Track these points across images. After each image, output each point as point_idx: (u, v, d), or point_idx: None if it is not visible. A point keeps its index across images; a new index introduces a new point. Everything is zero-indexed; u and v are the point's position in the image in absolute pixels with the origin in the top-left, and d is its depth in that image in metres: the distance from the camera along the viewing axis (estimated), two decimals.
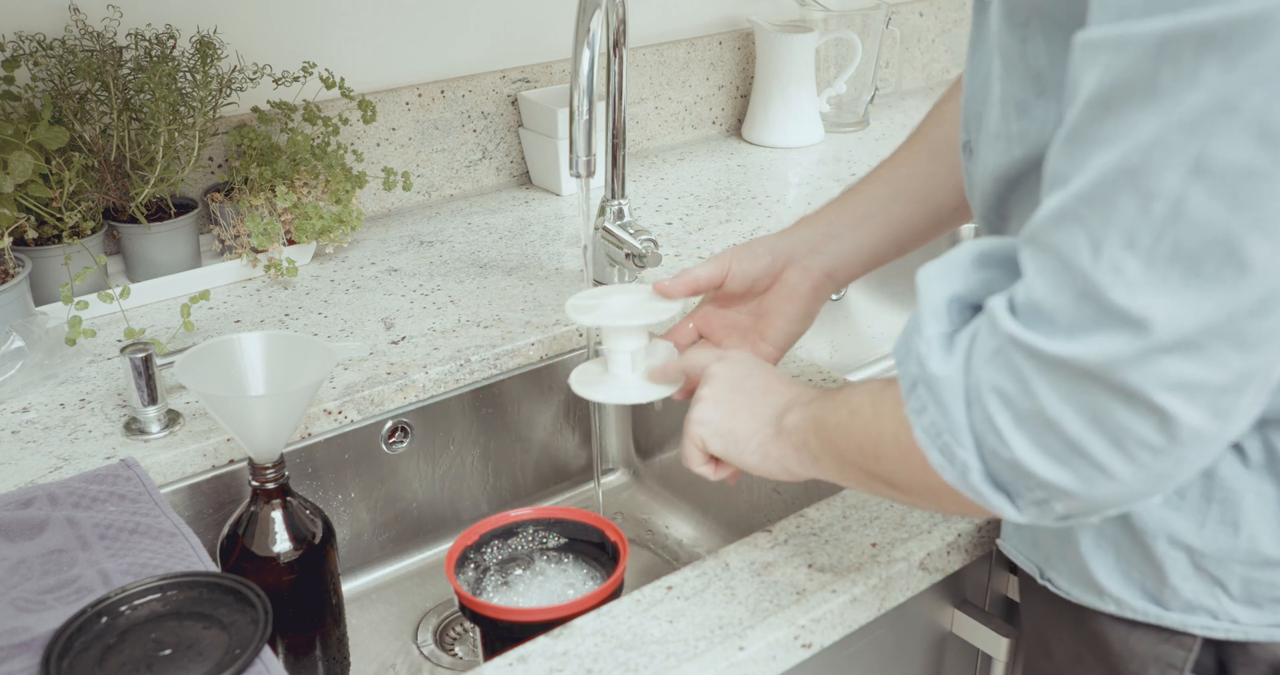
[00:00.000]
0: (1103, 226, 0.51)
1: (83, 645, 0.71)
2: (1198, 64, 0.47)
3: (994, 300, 0.56)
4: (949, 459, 0.59)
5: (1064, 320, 0.52)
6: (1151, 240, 0.49)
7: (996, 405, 0.55)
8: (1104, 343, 0.51)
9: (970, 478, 0.58)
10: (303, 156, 1.28)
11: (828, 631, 0.78)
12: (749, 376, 0.80)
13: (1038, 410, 0.53)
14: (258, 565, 0.86)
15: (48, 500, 0.85)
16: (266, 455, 0.85)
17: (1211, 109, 0.47)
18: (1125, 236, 0.50)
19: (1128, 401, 0.51)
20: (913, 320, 0.62)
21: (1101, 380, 0.51)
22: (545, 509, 0.95)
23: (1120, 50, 0.50)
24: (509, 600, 0.90)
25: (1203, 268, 0.49)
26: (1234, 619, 0.67)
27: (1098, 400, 0.52)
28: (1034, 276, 0.54)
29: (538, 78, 1.54)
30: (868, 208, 0.93)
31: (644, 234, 1.18)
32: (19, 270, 1.07)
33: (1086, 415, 0.52)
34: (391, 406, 1.07)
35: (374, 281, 1.26)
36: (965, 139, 0.75)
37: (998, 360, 0.55)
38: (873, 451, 0.66)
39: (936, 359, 0.58)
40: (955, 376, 0.57)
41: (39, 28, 1.18)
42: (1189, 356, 0.50)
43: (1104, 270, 0.51)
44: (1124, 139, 0.50)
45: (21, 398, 1.03)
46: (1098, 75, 0.51)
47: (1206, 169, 0.48)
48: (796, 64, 1.67)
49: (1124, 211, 0.50)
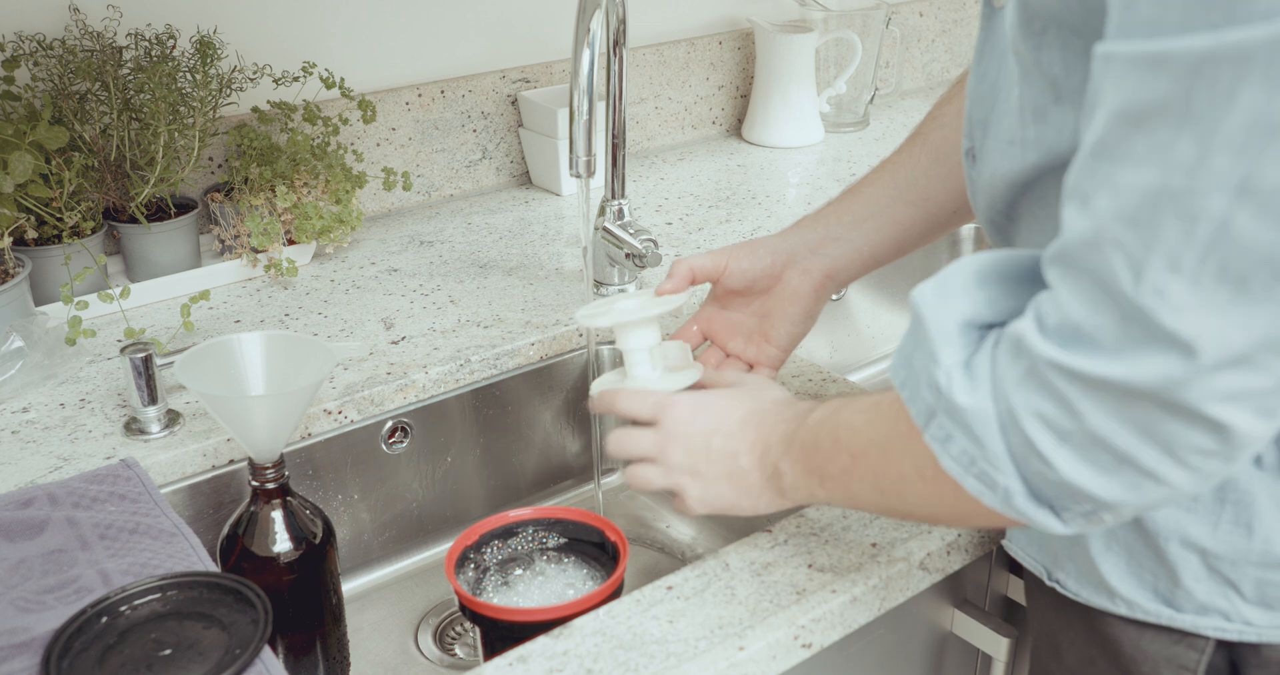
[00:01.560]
0: (1144, 250, 0.50)
1: (83, 645, 0.71)
2: (1235, 85, 0.47)
3: (1019, 324, 0.56)
4: (989, 486, 0.58)
5: (1108, 342, 0.52)
6: (1197, 262, 0.49)
7: (1037, 428, 0.55)
8: (1154, 364, 0.51)
9: (1014, 501, 0.58)
10: (303, 156, 1.28)
11: (828, 631, 0.78)
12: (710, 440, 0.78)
13: (1083, 429, 0.53)
14: (258, 565, 0.86)
15: (48, 500, 0.85)
16: (266, 455, 0.85)
17: (1254, 131, 0.47)
18: (1168, 259, 0.49)
19: (1180, 416, 0.51)
20: (915, 343, 0.61)
21: (1152, 398, 0.51)
22: (545, 509, 0.95)
23: (1153, 68, 0.49)
24: (509, 600, 0.90)
25: (1251, 287, 0.49)
26: (1247, 621, 0.67)
27: (1149, 416, 0.52)
28: (1069, 298, 0.53)
29: (538, 78, 1.54)
30: (867, 209, 0.93)
31: (644, 234, 1.18)
32: (19, 270, 1.07)
33: (1136, 429, 0.52)
34: (391, 406, 1.07)
35: (374, 281, 1.26)
36: (968, 145, 0.75)
37: (1031, 383, 0.55)
38: (894, 491, 0.66)
39: (961, 389, 0.58)
40: (985, 405, 0.57)
41: (39, 28, 1.18)
42: (1239, 370, 0.50)
43: (1147, 293, 0.50)
44: (1158, 159, 0.49)
45: (21, 398, 1.03)
46: (1127, 92, 0.50)
47: (1253, 190, 0.47)
48: (796, 64, 1.67)
49: (1166, 234, 0.49)
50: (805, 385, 1.08)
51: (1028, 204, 0.70)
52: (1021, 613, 0.94)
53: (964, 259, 0.61)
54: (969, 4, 2.03)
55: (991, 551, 0.89)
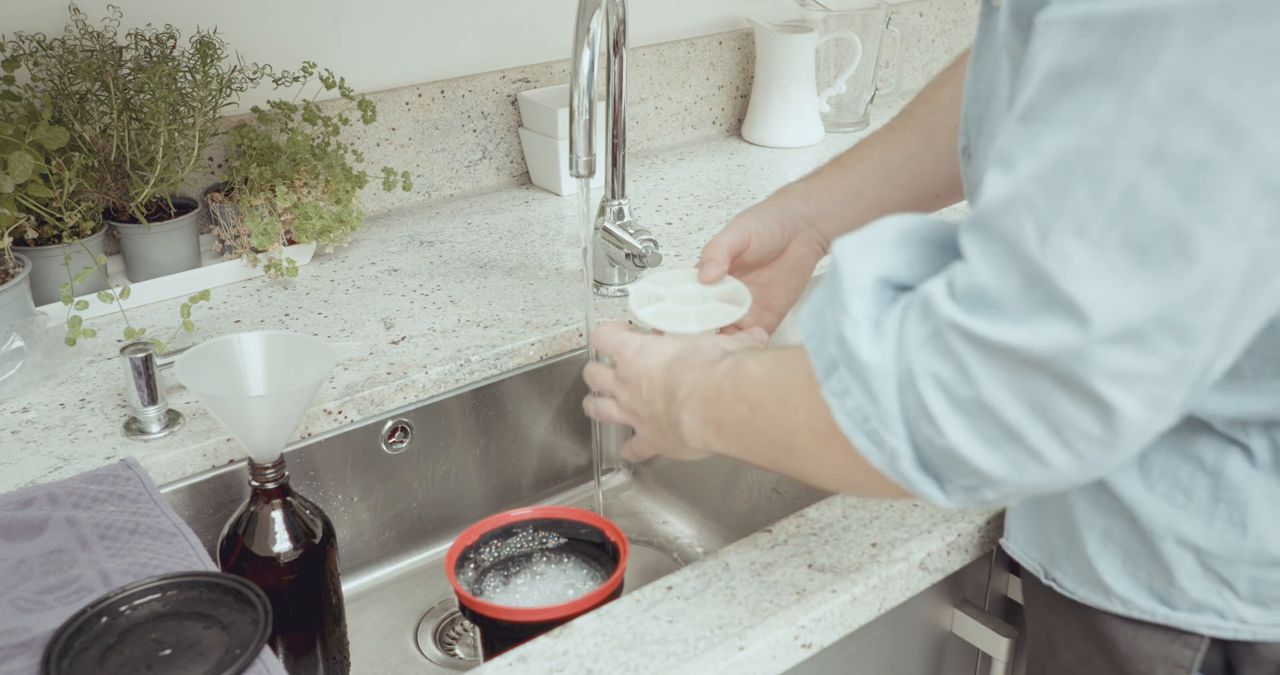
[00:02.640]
0: (1053, 212, 0.50)
1: (83, 645, 0.71)
2: (1159, 46, 0.46)
3: (931, 285, 0.55)
4: (877, 444, 0.57)
5: (1010, 307, 0.51)
6: (1102, 228, 0.49)
7: (932, 391, 0.54)
8: (1049, 331, 0.50)
9: (899, 464, 0.57)
10: (303, 156, 1.28)
11: (828, 631, 0.78)
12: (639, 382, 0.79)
13: (976, 397, 0.53)
14: (258, 565, 0.86)
15: (48, 500, 0.85)
16: (266, 455, 0.85)
17: (1172, 94, 0.47)
18: (1075, 223, 0.49)
19: (1070, 390, 0.51)
20: (828, 296, 0.59)
21: (1045, 368, 0.51)
22: (545, 509, 0.95)
23: (1083, 29, 0.49)
24: (509, 600, 0.90)
25: (1151, 257, 0.48)
26: (1242, 619, 0.67)
27: (1040, 388, 0.51)
28: (979, 261, 0.53)
29: (538, 78, 1.54)
30: (858, 188, 0.93)
31: (644, 234, 1.18)
32: (19, 270, 1.07)
33: (1027, 402, 0.52)
34: (391, 406, 1.07)
35: (374, 281, 1.26)
36: (965, 143, 0.75)
37: (933, 345, 0.54)
38: (783, 443, 0.64)
39: (865, 343, 0.56)
40: (886, 362, 0.56)
41: (39, 28, 1.18)
42: (1131, 347, 0.49)
43: (1051, 257, 0.50)
44: (1080, 121, 0.49)
45: (21, 398, 1.03)
46: (1057, 54, 0.50)
47: (1163, 157, 0.47)
48: (796, 64, 1.67)
49: (1076, 197, 0.49)
50: None
51: None
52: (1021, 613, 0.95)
53: (891, 217, 0.61)
54: (969, 4, 2.03)
55: (991, 551, 0.89)
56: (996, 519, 0.86)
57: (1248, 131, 0.46)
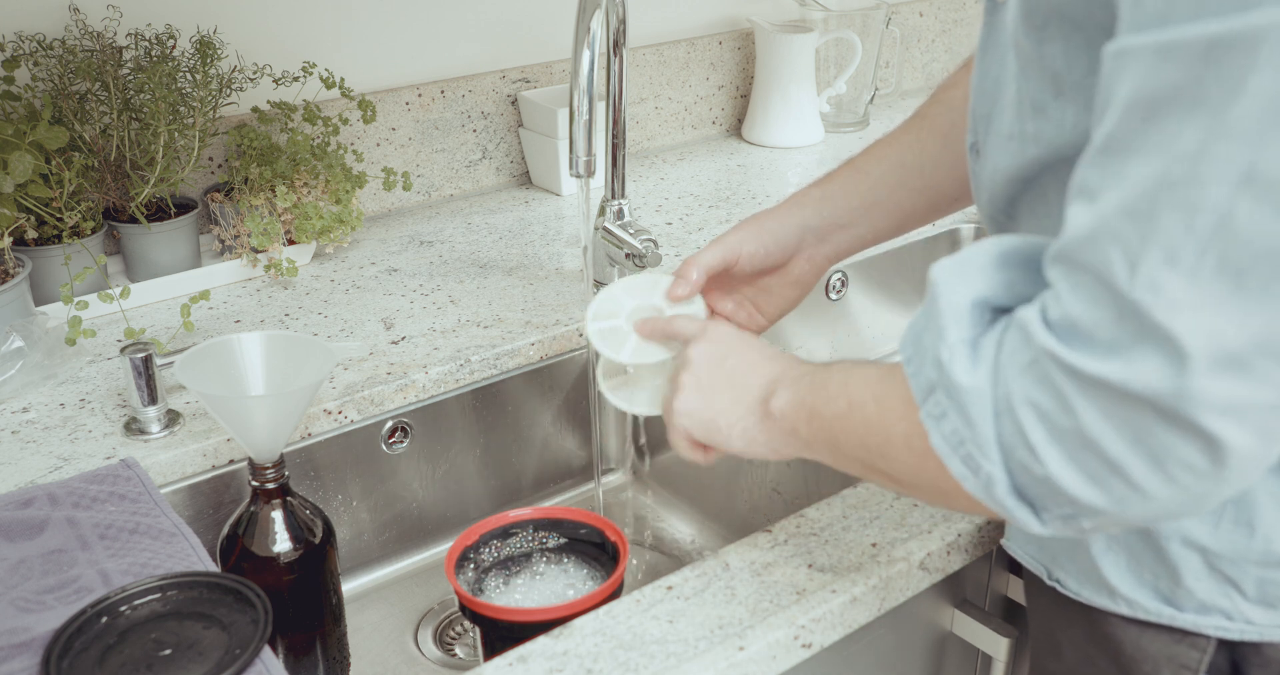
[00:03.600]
0: (1141, 242, 0.49)
1: (83, 645, 0.71)
2: (1247, 69, 0.46)
3: (1027, 312, 0.55)
4: (972, 470, 0.57)
5: (1104, 338, 0.51)
6: (1195, 256, 0.48)
7: (1031, 420, 0.53)
8: (1147, 364, 0.49)
9: (995, 490, 0.57)
10: (303, 156, 1.28)
11: (828, 631, 0.78)
12: (728, 356, 0.78)
13: (1076, 428, 0.52)
14: (258, 565, 0.86)
15: (48, 500, 0.85)
16: (266, 455, 0.85)
17: (1263, 117, 0.46)
18: (1166, 252, 0.48)
19: (1173, 424, 0.49)
20: (927, 319, 0.60)
21: (1147, 403, 0.50)
22: (545, 509, 0.95)
23: (1164, 57, 0.48)
24: (509, 600, 0.90)
25: (1248, 282, 0.47)
26: (1248, 620, 0.66)
27: (1142, 421, 0.50)
28: (1068, 294, 0.52)
29: (538, 78, 1.54)
30: (874, 194, 0.92)
31: (644, 234, 1.18)
32: (19, 270, 1.07)
33: (1128, 435, 0.51)
34: (391, 406, 1.07)
35: (374, 281, 1.26)
36: (972, 140, 0.75)
37: (1033, 373, 0.53)
38: (878, 449, 0.65)
39: (962, 367, 0.56)
40: (983, 387, 0.55)
41: (39, 28, 1.18)
42: (1236, 376, 0.48)
43: (1142, 288, 0.49)
44: (1165, 150, 0.48)
45: (21, 398, 1.03)
46: (1136, 83, 0.49)
47: (1256, 180, 0.46)
48: (796, 64, 1.67)
49: (1165, 227, 0.48)
50: None
51: (1027, 200, 0.70)
52: (1021, 613, 0.94)
53: (988, 240, 0.60)
54: (969, 4, 2.03)
55: (991, 551, 0.89)
56: (998, 519, 0.86)
57: None
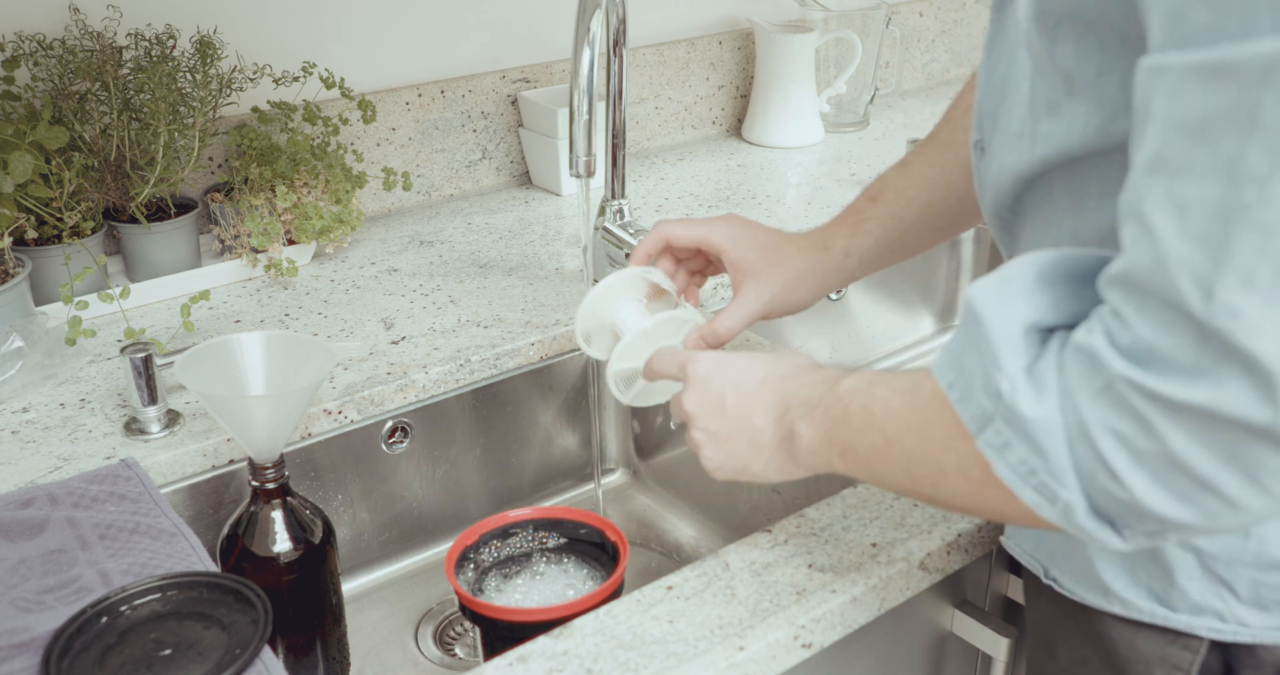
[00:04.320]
0: (1213, 268, 0.48)
1: (83, 645, 0.71)
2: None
3: (1092, 337, 0.53)
4: (1049, 498, 0.56)
5: (1185, 362, 0.50)
6: (1272, 277, 0.47)
7: (1111, 446, 0.53)
8: (1234, 388, 0.49)
9: (1074, 516, 0.56)
10: (303, 156, 1.28)
11: (828, 631, 0.78)
12: (725, 397, 0.76)
13: (1163, 452, 0.51)
14: (258, 565, 0.86)
15: (48, 500, 0.85)
16: (266, 455, 0.85)
17: None
18: (1241, 276, 0.48)
19: (1266, 441, 0.49)
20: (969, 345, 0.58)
21: (1239, 424, 0.49)
22: (545, 509, 0.95)
23: (1216, 77, 0.47)
24: (509, 600, 0.90)
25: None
26: (1241, 621, 0.66)
27: (1233, 440, 0.50)
28: (1137, 318, 0.51)
29: (538, 78, 1.54)
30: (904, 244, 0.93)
31: (644, 234, 1.18)
32: (19, 270, 1.07)
33: (1221, 455, 0.50)
34: (391, 406, 1.07)
35: (374, 281, 1.26)
36: (978, 137, 0.75)
37: (1107, 399, 0.52)
38: (928, 479, 0.63)
39: (1025, 398, 0.55)
40: (1053, 417, 0.54)
41: (39, 28, 1.18)
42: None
43: (1220, 314, 0.48)
44: (1225, 172, 0.48)
45: (21, 398, 1.03)
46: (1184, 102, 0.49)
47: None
48: (796, 64, 1.67)
49: (1238, 250, 0.48)
50: None
51: (1033, 199, 0.69)
52: (1021, 613, 0.94)
53: (1027, 257, 0.59)
54: (969, 4, 2.03)
55: (991, 551, 0.89)
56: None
57: None
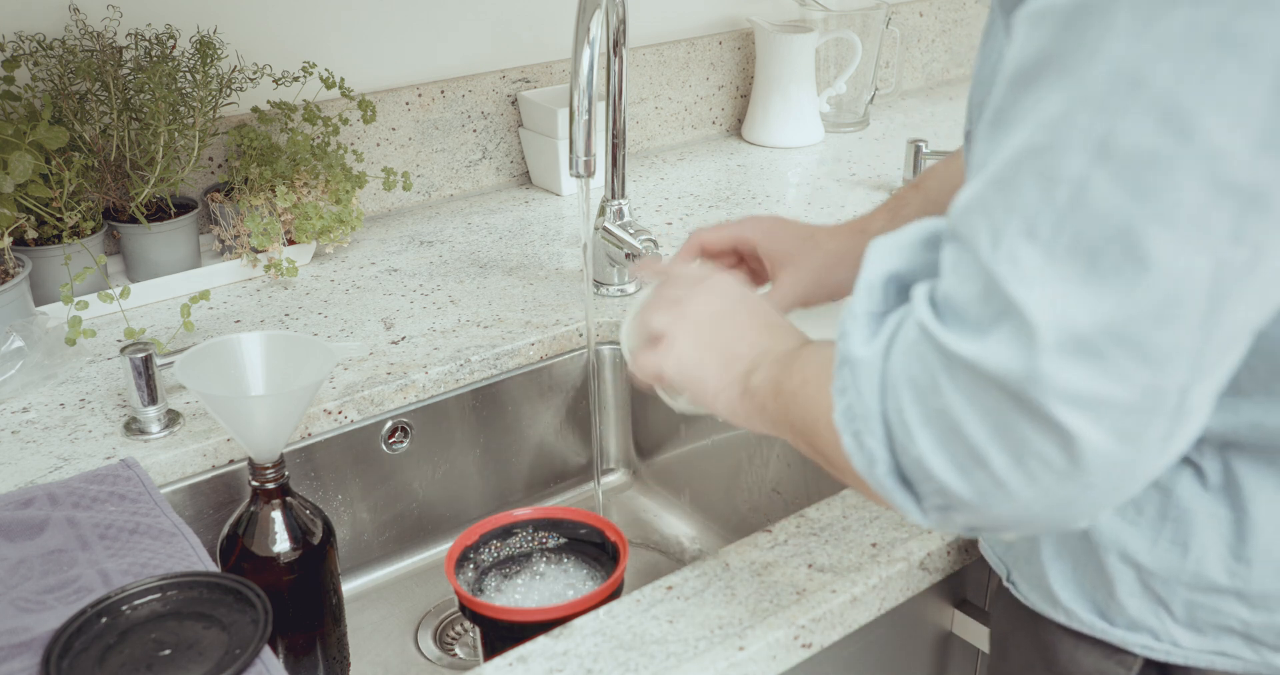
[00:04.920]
0: (1005, 213, 0.47)
1: (83, 645, 0.71)
2: (1103, 34, 0.44)
3: (919, 288, 0.53)
4: (859, 445, 0.55)
5: (971, 317, 0.49)
6: (1052, 229, 0.46)
7: (909, 398, 0.52)
8: (1002, 342, 0.47)
9: (876, 469, 0.54)
10: (303, 156, 1.28)
11: (828, 631, 0.78)
12: (730, 315, 0.73)
13: (944, 409, 0.50)
14: (258, 565, 0.86)
15: (48, 500, 0.85)
16: (266, 455, 0.85)
17: (1116, 84, 0.44)
18: (1026, 224, 0.47)
19: (1028, 412, 0.47)
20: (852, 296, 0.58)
21: (1001, 385, 0.48)
22: (545, 509, 0.95)
23: (1037, 24, 0.47)
24: (509, 600, 0.90)
25: (1101, 262, 0.45)
26: (1175, 641, 0.65)
27: (1000, 407, 0.48)
28: (948, 268, 0.51)
29: (538, 78, 1.54)
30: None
31: (644, 234, 1.18)
32: (19, 270, 1.07)
33: (990, 423, 0.49)
34: (391, 406, 1.07)
35: (374, 281, 1.26)
36: (968, 127, 0.74)
37: (914, 350, 0.52)
38: (811, 427, 0.62)
39: (859, 339, 0.55)
40: (874, 361, 0.54)
41: (39, 28, 1.18)
42: (1087, 364, 0.46)
43: (1002, 260, 0.47)
44: (1033, 118, 0.47)
45: (21, 398, 1.03)
46: (1016, 52, 0.49)
47: (1110, 152, 0.45)
48: (796, 64, 1.67)
49: (1027, 197, 0.47)
50: None
51: None
52: None
53: (926, 219, 0.59)
54: (969, 4, 2.03)
55: None
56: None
57: (1196, 122, 0.43)
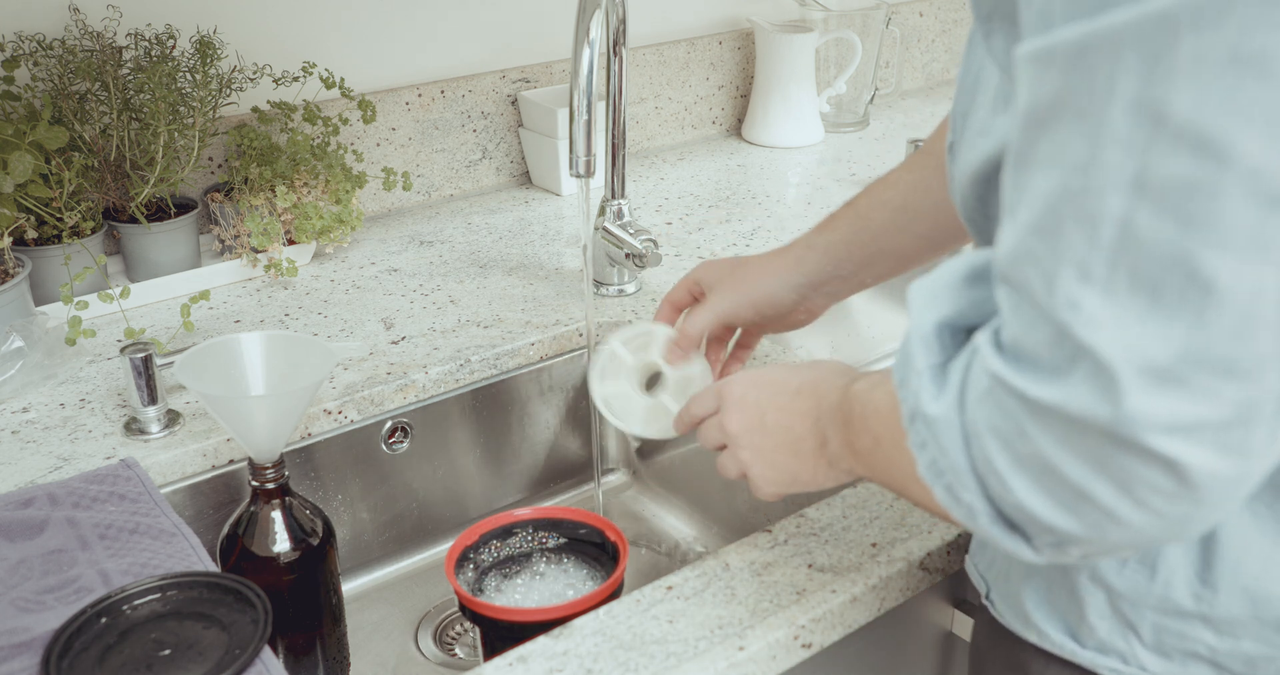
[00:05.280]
0: (1054, 261, 0.47)
1: (83, 645, 0.71)
2: (1114, 72, 0.44)
3: (982, 335, 0.53)
4: (954, 499, 0.55)
5: (1045, 361, 0.49)
6: (1107, 269, 0.46)
7: (995, 447, 0.52)
8: (1082, 386, 0.47)
9: (978, 520, 0.55)
10: (303, 156, 1.28)
11: (828, 631, 0.78)
12: (765, 413, 0.76)
13: (1036, 453, 0.50)
14: (258, 565, 0.86)
15: (48, 500, 0.85)
16: (266, 455, 0.85)
17: (1139, 120, 0.44)
18: (1078, 268, 0.47)
19: (1125, 447, 0.47)
20: (905, 346, 0.58)
21: (1094, 427, 0.47)
22: (545, 509, 0.95)
23: (1046, 64, 0.47)
24: (509, 600, 0.90)
25: (1164, 293, 0.45)
26: (1143, 666, 0.64)
27: (1096, 445, 0.48)
28: (1009, 314, 0.51)
29: (538, 78, 1.54)
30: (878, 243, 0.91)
31: (644, 234, 1.18)
32: (19, 270, 1.07)
33: (1088, 460, 0.48)
34: (391, 406, 1.07)
35: (374, 281, 1.26)
36: (951, 140, 0.73)
37: (990, 399, 0.51)
38: (901, 484, 0.63)
39: (929, 395, 0.55)
40: (950, 415, 0.54)
41: (39, 28, 1.18)
42: (1174, 393, 0.46)
43: (1062, 306, 0.47)
44: (1059, 161, 0.47)
45: (21, 398, 1.03)
46: (1028, 93, 0.48)
47: (1148, 186, 0.44)
48: (796, 64, 1.67)
49: (1072, 242, 0.47)
50: None
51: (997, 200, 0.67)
52: None
53: (960, 256, 0.59)
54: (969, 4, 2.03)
55: None
56: None
57: (1229, 144, 0.43)
